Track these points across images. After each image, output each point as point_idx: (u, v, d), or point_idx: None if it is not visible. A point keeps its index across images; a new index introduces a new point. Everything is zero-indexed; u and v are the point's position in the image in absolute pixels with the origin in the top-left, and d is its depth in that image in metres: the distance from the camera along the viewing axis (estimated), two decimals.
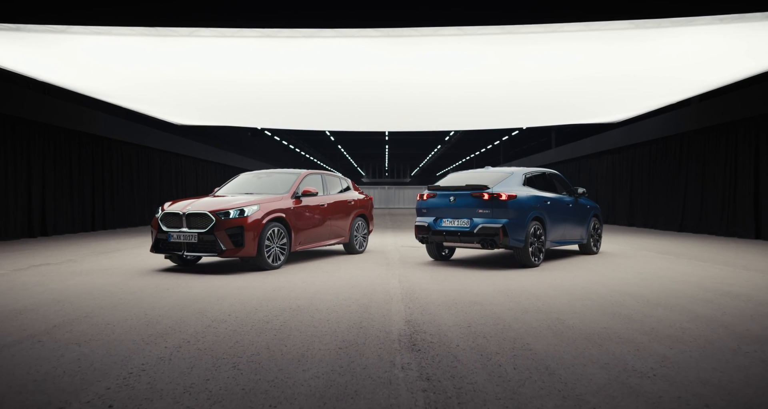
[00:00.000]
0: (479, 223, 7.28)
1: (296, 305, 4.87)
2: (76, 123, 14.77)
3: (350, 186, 9.89)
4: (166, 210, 7.25)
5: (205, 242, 6.88)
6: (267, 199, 7.52)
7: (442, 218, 7.70)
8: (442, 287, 5.87)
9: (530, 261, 7.42)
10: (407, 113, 14.52)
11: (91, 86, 12.19)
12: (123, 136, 17.16)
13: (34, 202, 12.86)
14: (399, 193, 41.90)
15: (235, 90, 11.77)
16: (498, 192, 7.27)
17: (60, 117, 13.98)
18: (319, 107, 13.67)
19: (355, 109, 13.84)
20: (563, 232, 8.29)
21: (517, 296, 5.26)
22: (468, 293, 5.43)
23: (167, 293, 5.44)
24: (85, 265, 7.66)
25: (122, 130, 17.04)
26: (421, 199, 8.06)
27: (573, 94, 12.26)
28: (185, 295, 5.32)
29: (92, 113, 15.61)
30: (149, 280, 6.30)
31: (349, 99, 12.51)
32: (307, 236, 8.09)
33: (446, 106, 13.52)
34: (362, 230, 9.70)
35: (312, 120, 16.28)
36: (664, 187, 16.46)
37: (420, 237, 7.97)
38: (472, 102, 12.98)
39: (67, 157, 14.39)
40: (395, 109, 13.83)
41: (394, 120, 16.31)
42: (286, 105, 13.43)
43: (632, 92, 12.27)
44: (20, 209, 12.43)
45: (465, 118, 15.89)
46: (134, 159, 18.03)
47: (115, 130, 16.61)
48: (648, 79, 10.90)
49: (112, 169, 16.66)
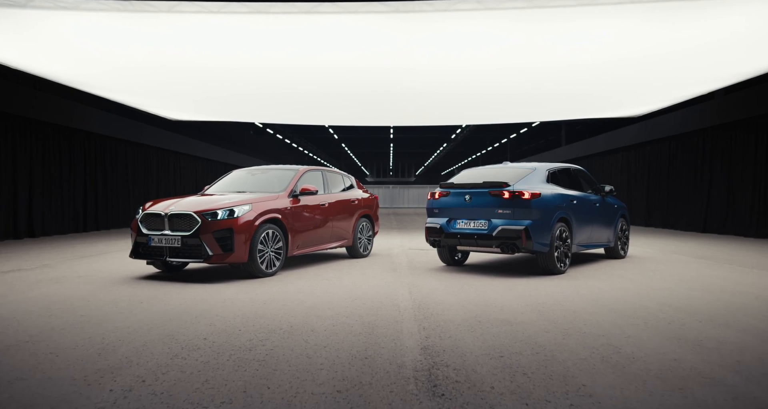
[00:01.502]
0: (499, 224, 6.46)
1: (288, 323, 4.07)
2: (66, 119, 14.02)
3: (354, 184, 9.09)
4: (147, 210, 6.46)
5: (189, 246, 6.08)
6: (260, 198, 6.72)
7: (457, 219, 6.88)
8: (460, 299, 5.06)
9: (556, 267, 6.59)
10: (415, 105, 13.63)
11: (63, 72, 11.01)
12: (117, 133, 16.39)
13: (20, 202, 12.11)
14: (404, 193, 41.11)
15: (227, 78, 10.90)
16: (520, 190, 6.44)
17: (50, 113, 13.22)
18: (318, 98, 12.80)
19: (358, 100, 12.94)
20: (590, 234, 7.46)
21: (550, 312, 4.44)
22: (492, 308, 4.61)
23: (139, 307, 4.65)
24: (60, 271, 6.88)
25: (116, 126, 16.27)
26: (432, 198, 7.24)
27: (596, 82, 11.34)
28: (160, 310, 4.53)
29: (84, 109, 14.85)
30: (124, 290, 5.51)
31: (351, 88, 11.62)
32: (305, 238, 7.29)
33: (458, 97, 12.62)
34: (367, 232, 8.90)
35: (311, 113, 15.35)
36: (684, 185, 15.57)
37: (431, 240, 7.16)
38: (487, 92, 12.07)
39: (57, 154, 13.64)
40: (402, 101, 12.93)
41: (401, 113, 15.33)
42: (283, 96, 12.57)
43: (659, 81, 11.39)
44: (4, 209, 11.69)
45: (477, 111, 14.98)
46: (129, 157, 17.28)
47: (108, 127, 15.85)
48: (678, 65, 10.02)
49: (106, 167, 15.90)
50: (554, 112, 16.12)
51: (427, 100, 12.84)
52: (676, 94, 13.33)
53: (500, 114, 16.21)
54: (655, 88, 12.33)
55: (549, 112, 16.40)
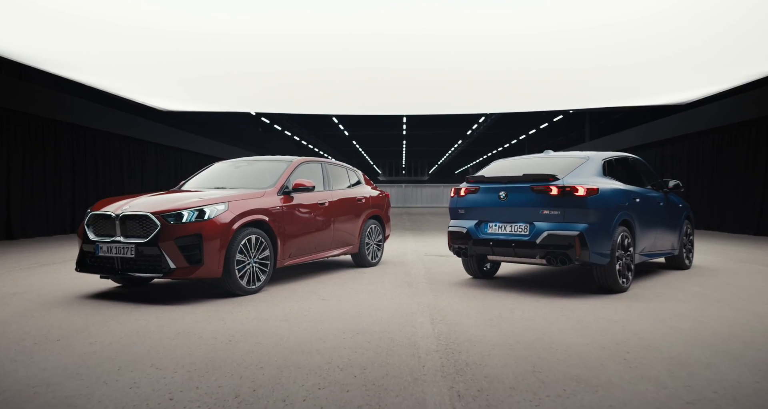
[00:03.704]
0: (544, 229, 5.01)
1: (252, 383, 2.68)
2: (52, 111, 12.82)
3: (361, 180, 7.69)
4: (95, 211, 5.12)
5: (145, 257, 4.73)
6: (241, 195, 5.35)
7: (488, 222, 5.45)
8: (502, 334, 3.64)
9: (617, 283, 5.14)
10: (431, 88, 12.03)
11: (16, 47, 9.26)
12: (109, 127, 15.18)
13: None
14: (417, 192, 39.68)
15: (212, 52, 9.36)
16: (572, 184, 4.99)
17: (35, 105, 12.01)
18: (321, 80, 11.31)
19: (365, 81, 11.41)
20: (654, 240, 5.98)
21: (644, 362, 3.00)
22: (552, 352, 3.19)
23: (48, 350, 3.30)
24: (1, 283, 5.59)
25: (106, 118, 15.05)
26: (457, 195, 5.81)
27: (646, 52, 9.68)
28: (73, 355, 3.17)
29: (71, 99, 13.65)
30: (53, 316, 4.17)
31: (357, 65, 10.07)
32: (300, 245, 5.91)
33: (480, 77, 10.99)
34: (376, 236, 7.49)
35: (315, 100, 13.73)
36: (732, 183, 13.92)
37: (456, 248, 5.73)
38: (516, 68, 10.39)
39: (41, 149, 12.43)
40: (417, 80, 11.31)
41: (415, 98, 13.60)
42: (283, 77, 11.06)
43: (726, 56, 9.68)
44: None
45: (501, 96, 13.23)
46: (124, 153, 16.07)
47: (97, 120, 14.62)
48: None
49: (97, 163, 14.69)
50: (589, 98, 14.31)
51: (445, 80, 11.26)
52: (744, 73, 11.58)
53: (527, 99, 14.42)
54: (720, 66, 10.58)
55: (583, 98, 14.58)
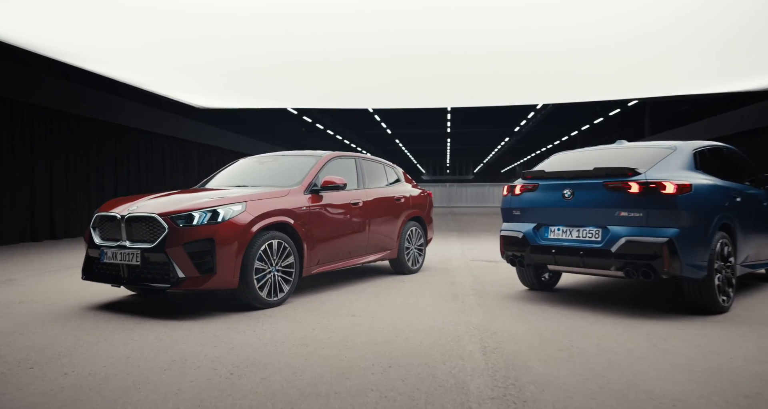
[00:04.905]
0: (621, 235, 4.10)
1: None
2: (101, 112, 12.75)
3: (401, 177, 6.94)
4: (101, 212, 4.58)
5: (152, 264, 4.13)
6: (261, 194, 4.69)
7: (549, 225, 4.58)
8: (577, 371, 2.79)
9: (716, 302, 4.16)
10: (477, 75, 10.99)
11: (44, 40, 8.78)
12: (154, 128, 15.14)
13: (38, 201, 10.81)
14: (461, 191, 38.52)
15: (255, 42, 8.81)
16: (658, 179, 4.05)
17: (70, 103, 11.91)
18: (360, 70, 10.55)
19: (403, 69, 10.51)
20: (758, 248, 4.94)
21: None
22: (653, 404, 2.33)
23: (19, 380, 2.70)
24: (21, 289, 5.16)
25: (150, 118, 14.94)
26: (511, 193, 4.96)
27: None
28: (44, 389, 2.56)
29: (118, 100, 13.55)
30: (44, 333, 3.62)
31: (397, 48, 9.19)
32: (329, 250, 5.21)
33: (535, 59, 9.88)
34: (417, 240, 6.71)
35: (353, 93, 12.87)
36: None
37: (510, 255, 4.87)
38: (577, 47, 9.22)
39: (83, 148, 12.29)
40: (461, 67, 10.33)
41: (459, 88, 12.49)
42: (320, 67, 10.37)
43: None
44: (21, 209, 10.42)
45: (559, 81, 11.90)
46: (166, 152, 16.00)
47: (139, 119, 14.51)
48: None
49: (140, 163, 14.59)
50: (656, 84, 12.56)
51: (497, 64, 10.23)
52: None
53: (591, 87, 12.87)
54: None
55: (649, 86, 12.80)
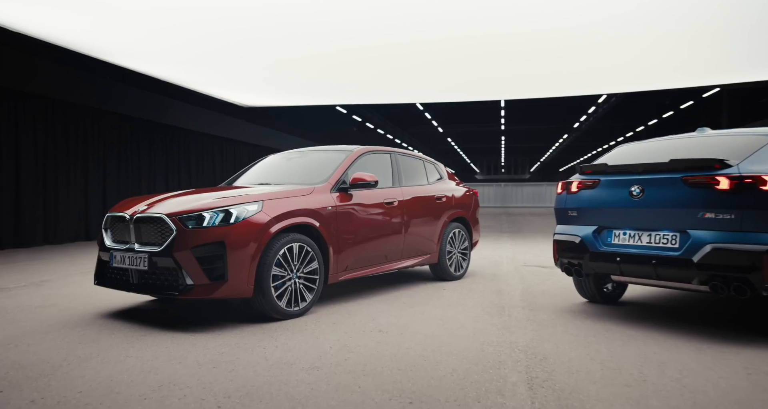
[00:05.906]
0: (706, 240, 3.36)
1: None
2: (150, 113, 12.93)
3: (443, 174, 6.35)
4: (112, 212, 4.28)
5: (160, 270, 3.77)
6: (281, 192, 4.25)
7: (613, 229, 3.88)
8: None
9: None
10: (534, 62, 10.10)
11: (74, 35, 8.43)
12: (203, 128, 15.27)
13: (92, 202, 11.03)
14: (516, 191, 37.18)
15: (292, 32, 8.36)
16: (756, 173, 3.29)
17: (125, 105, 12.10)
18: (405, 61, 9.94)
19: (455, 56, 9.77)
20: None
21: None
22: None
23: None
24: (48, 291, 5.00)
25: (199, 118, 15.07)
26: (566, 191, 4.28)
27: None
28: None
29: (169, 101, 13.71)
30: (40, 345, 3.33)
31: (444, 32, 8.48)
32: (360, 255, 4.71)
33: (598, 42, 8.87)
34: (461, 243, 6.10)
35: (396, 84, 12.19)
36: None
37: (565, 263, 4.19)
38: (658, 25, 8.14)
39: (135, 149, 12.46)
40: (516, 51, 9.48)
41: (514, 76, 11.36)
42: (366, 56, 9.82)
43: None
44: (76, 208, 10.68)
45: (625, 69, 10.73)
46: (216, 152, 16.12)
47: (189, 120, 14.65)
48: None
49: (190, 163, 14.72)
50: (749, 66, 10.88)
51: (552, 50, 9.36)
52: None
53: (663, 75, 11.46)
54: None
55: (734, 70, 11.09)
